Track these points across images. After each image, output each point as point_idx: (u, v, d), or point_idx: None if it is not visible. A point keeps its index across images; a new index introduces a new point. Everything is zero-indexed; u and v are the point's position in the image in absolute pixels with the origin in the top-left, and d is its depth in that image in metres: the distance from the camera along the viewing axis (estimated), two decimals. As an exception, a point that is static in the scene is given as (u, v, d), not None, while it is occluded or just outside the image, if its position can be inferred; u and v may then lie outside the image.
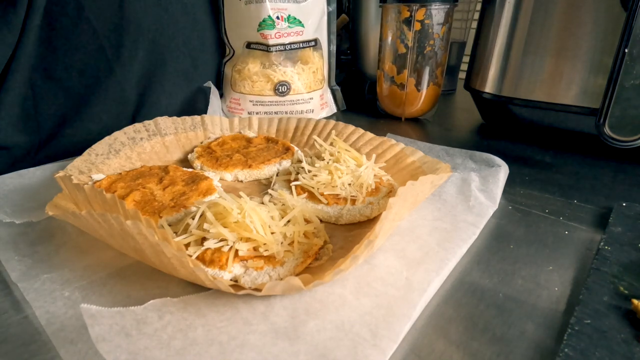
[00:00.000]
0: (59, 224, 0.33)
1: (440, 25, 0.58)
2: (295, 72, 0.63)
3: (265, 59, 0.62)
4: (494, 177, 0.39)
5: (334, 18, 0.66)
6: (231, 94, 0.65)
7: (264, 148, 0.47)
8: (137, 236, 0.23)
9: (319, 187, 0.36)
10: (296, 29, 0.62)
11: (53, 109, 0.50)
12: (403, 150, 0.43)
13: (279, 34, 0.61)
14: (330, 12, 0.65)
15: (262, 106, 0.64)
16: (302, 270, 0.28)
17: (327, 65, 0.68)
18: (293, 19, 0.61)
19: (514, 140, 0.55)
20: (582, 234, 0.33)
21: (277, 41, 0.61)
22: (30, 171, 0.42)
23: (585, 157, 0.49)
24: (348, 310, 0.24)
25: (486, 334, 0.23)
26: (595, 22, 0.44)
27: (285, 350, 0.21)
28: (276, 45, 0.61)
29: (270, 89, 0.62)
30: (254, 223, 0.27)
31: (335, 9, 0.66)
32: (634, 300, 0.24)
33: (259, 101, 0.63)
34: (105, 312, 0.22)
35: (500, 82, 0.53)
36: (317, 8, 0.63)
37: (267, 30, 0.60)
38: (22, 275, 0.27)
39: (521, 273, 0.29)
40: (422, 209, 0.35)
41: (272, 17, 0.60)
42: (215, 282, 0.23)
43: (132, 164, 0.43)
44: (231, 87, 0.65)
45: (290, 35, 0.62)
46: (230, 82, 0.65)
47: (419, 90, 0.62)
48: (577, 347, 0.21)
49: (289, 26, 0.61)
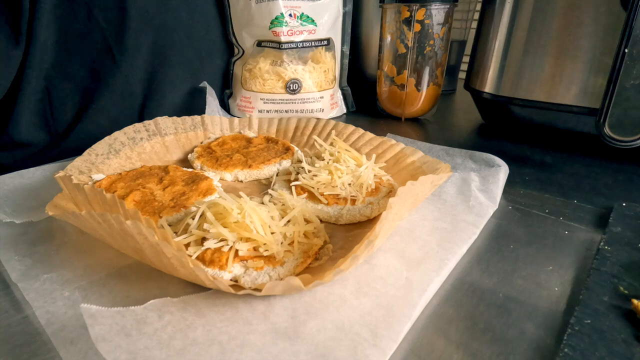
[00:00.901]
0: (59, 224, 0.33)
1: (440, 25, 0.58)
2: (307, 71, 0.63)
3: (276, 57, 0.62)
4: (494, 177, 0.39)
5: (349, 19, 0.66)
6: (242, 92, 0.65)
7: (263, 148, 0.47)
8: (137, 236, 0.23)
9: (319, 187, 0.36)
10: (309, 27, 0.62)
11: (68, 106, 0.53)
12: (403, 150, 0.43)
13: (291, 32, 0.61)
14: (346, 12, 0.66)
15: (273, 104, 0.64)
16: (302, 270, 0.28)
17: (339, 65, 0.68)
18: (306, 17, 0.61)
19: (514, 140, 0.55)
20: (582, 234, 0.33)
21: (289, 39, 0.61)
22: (30, 171, 0.42)
23: (585, 157, 0.49)
24: (348, 310, 0.24)
25: (486, 334, 0.23)
26: (595, 22, 0.44)
27: (285, 350, 0.21)
28: (288, 42, 0.61)
29: (282, 87, 0.63)
30: (254, 223, 0.27)
31: (351, 10, 0.66)
32: (634, 300, 0.24)
33: (269, 99, 0.63)
34: (105, 312, 0.22)
35: (500, 82, 0.53)
36: (332, 8, 0.63)
37: (279, 27, 0.60)
38: (22, 275, 0.27)
39: (521, 273, 0.29)
40: (422, 209, 0.35)
41: (284, 15, 0.60)
42: (215, 282, 0.23)
43: (132, 164, 0.43)
44: (242, 86, 0.65)
45: (302, 33, 0.62)
46: (241, 81, 0.65)
47: (419, 90, 0.62)
48: (577, 347, 0.21)
49: (301, 24, 0.61)
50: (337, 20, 0.65)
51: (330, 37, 0.65)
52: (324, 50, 0.65)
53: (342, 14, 0.65)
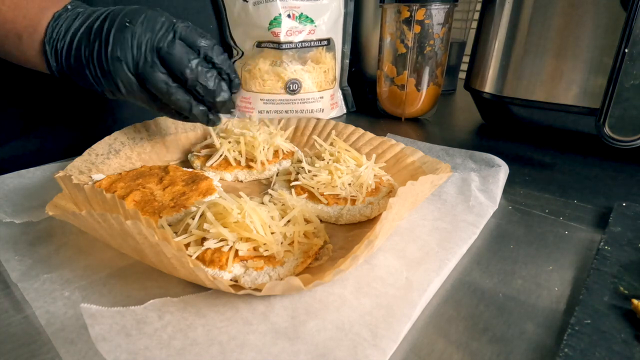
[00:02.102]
0: (59, 224, 0.33)
1: (440, 25, 0.58)
2: (306, 71, 0.63)
3: (276, 57, 0.62)
4: (494, 177, 0.39)
5: (350, 19, 0.66)
6: (242, 92, 0.65)
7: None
8: (137, 236, 0.23)
9: (319, 187, 0.36)
10: (308, 27, 0.62)
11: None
12: (403, 150, 0.43)
13: (290, 32, 0.61)
14: (347, 12, 0.65)
15: (273, 104, 0.64)
16: (302, 270, 0.28)
17: (339, 65, 0.68)
18: (305, 17, 0.61)
19: (514, 140, 0.55)
20: (582, 234, 0.33)
21: (288, 39, 0.61)
22: (30, 171, 0.42)
23: (585, 157, 0.49)
24: (348, 310, 0.24)
25: (486, 334, 0.23)
26: (595, 22, 0.44)
27: (285, 350, 0.21)
28: (287, 42, 0.61)
29: (281, 87, 0.63)
30: (254, 223, 0.27)
31: (352, 10, 0.66)
32: (634, 300, 0.24)
33: (269, 100, 0.64)
34: (105, 312, 0.22)
35: (500, 82, 0.53)
36: (333, 8, 0.63)
37: (277, 28, 0.60)
38: (22, 275, 0.27)
39: (521, 273, 0.29)
40: (422, 209, 0.35)
41: (282, 15, 0.60)
42: (215, 282, 0.23)
43: (132, 164, 0.43)
44: (242, 87, 0.65)
45: (302, 33, 0.62)
46: (241, 82, 0.65)
47: (419, 90, 0.62)
48: (577, 347, 0.21)
49: (300, 24, 0.61)
50: (338, 20, 0.65)
51: (331, 37, 0.65)
52: (324, 50, 0.65)
53: (344, 14, 0.65)
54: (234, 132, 0.46)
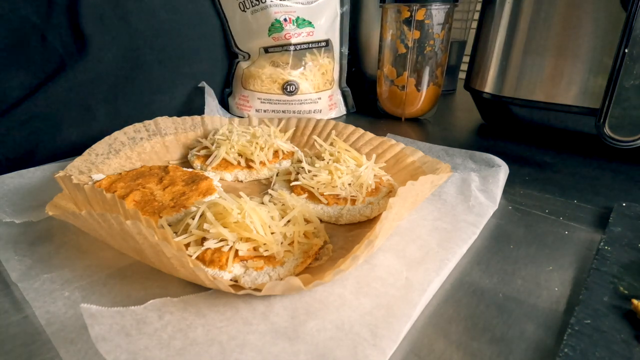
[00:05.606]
0: (59, 224, 0.33)
1: (440, 26, 0.58)
2: (304, 73, 0.64)
3: (275, 60, 0.63)
4: (494, 177, 0.39)
5: (347, 19, 0.67)
6: (241, 91, 0.66)
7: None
8: (137, 236, 0.23)
9: (319, 187, 0.36)
10: (306, 29, 0.63)
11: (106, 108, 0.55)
12: (403, 150, 0.43)
13: (288, 35, 0.62)
14: (343, 13, 0.66)
15: (270, 104, 0.64)
16: (302, 270, 0.28)
17: (338, 66, 0.68)
18: (302, 21, 0.62)
19: (514, 140, 0.55)
20: (582, 234, 0.33)
21: (286, 42, 0.62)
22: (30, 171, 0.42)
23: (585, 157, 0.49)
24: (348, 310, 0.24)
25: (486, 334, 0.23)
26: (595, 22, 0.44)
27: (285, 350, 0.21)
28: (285, 45, 0.63)
29: (278, 88, 0.63)
30: (254, 223, 0.27)
31: (348, 10, 0.66)
32: (634, 300, 0.24)
33: (267, 99, 0.64)
34: (105, 312, 0.22)
35: (500, 82, 0.53)
36: (329, 9, 0.64)
37: (276, 33, 0.62)
38: (22, 275, 0.27)
39: (521, 273, 0.29)
40: (422, 209, 0.35)
41: (279, 20, 0.61)
42: (215, 282, 0.23)
43: (132, 164, 0.43)
44: (241, 85, 0.66)
45: (299, 35, 0.62)
46: (241, 80, 0.66)
47: (419, 90, 0.62)
48: (577, 347, 0.21)
49: (297, 27, 0.62)
50: (335, 21, 0.65)
51: (329, 39, 0.65)
52: (323, 51, 0.65)
53: (340, 15, 0.66)
54: (234, 132, 0.46)
